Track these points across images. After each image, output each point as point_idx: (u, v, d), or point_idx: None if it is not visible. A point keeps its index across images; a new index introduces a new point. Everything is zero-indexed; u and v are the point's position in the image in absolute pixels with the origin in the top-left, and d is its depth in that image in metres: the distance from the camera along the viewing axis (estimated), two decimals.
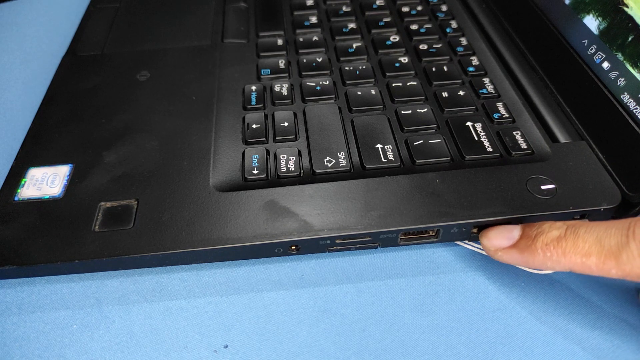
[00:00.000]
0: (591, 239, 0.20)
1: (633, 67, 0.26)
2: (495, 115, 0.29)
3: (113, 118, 0.29)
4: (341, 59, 0.34)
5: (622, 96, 0.26)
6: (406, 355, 0.22)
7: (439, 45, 0.34)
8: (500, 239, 0.23)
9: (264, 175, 0.26)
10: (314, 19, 0.38)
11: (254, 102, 0.30)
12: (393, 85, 0.31)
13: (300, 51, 0.35)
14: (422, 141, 0.27)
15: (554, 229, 0.21)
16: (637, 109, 0.26)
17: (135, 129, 0.29)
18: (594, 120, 0.27)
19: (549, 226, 0.22)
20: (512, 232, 0.23)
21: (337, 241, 0.24)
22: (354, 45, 0.35)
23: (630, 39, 0.26)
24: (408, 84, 0.31)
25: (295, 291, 0.24)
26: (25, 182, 0.26)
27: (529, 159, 0.26)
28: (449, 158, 0.27)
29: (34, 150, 0.28)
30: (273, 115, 0.29)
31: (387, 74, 0.32)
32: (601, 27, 0.28)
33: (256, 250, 0.24)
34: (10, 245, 0.23)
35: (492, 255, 0.23)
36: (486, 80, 0.31)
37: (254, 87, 0.31)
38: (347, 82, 0.32)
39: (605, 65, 0.28)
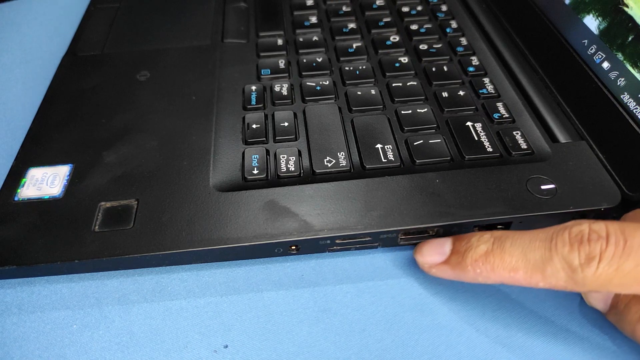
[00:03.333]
0: (516, 253, 0.20)
1: (633, 67, 0.26)
2: (495, 115, 0.29)
3: (113, 118, 0.29)
4: (341, 59, 0.34)
5: (622, 96, 0.26)
6: (406, 355, 0.22)
7: (439, 45, 0.34)
8: (432, 255, 0.23)
9: (264, 175, 0.26)
10: (314, 19, 0.38)
11: (254, 102, 0.30)
12: (393, 85, 0.31)
13: (300, 51, 0.35)
14: (422, 141, 0.27)
15: (482, 242, 0.21)
16: (637, 109, 0.26)
17: (135, 129, 0.29)
18: (594, 120, 0.27)
19: (477, 239, 0.21)
20: (444, 247, 0.23)
21: (337, 241, 0.24)
22: (354, 45, 0.35)
23: (630, 39, 0.26)
24: (408, 84, 0.31)
25: (295, 291, 0.24)
26: (25, 182, 0.26)
27: (529, 159, 0.26)
28: (449, 158, 0.27)
29: (34, 150, 0.28)
30: (273, 115, 0.29)
31: (387, 74, 0.32)
32: (601, 27, 0.28)
33: (256, 250, 0.24)
34: (10, 245, 0.23)
35: (427, 272, 0.23)
36: (486, 80, 0.31)
37: (254, 87, 0.31)
38: (347, 82, 0.32)
39: (605, 65, 0.28)
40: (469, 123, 0.28)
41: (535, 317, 0.23)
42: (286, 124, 0.29)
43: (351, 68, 0.33)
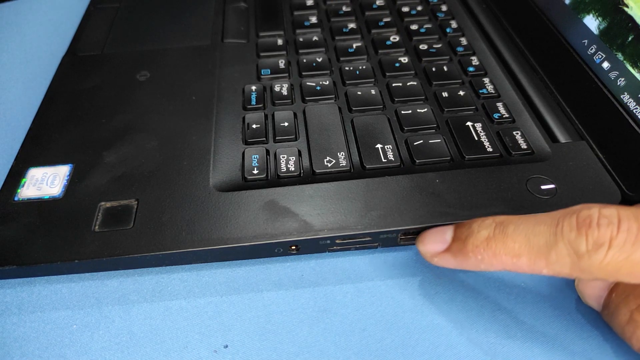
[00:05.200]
0: (520, 238, 0.19)
1: (633, 67, 0.26)
2: (495, 115, 0.29)
3: (113, 118, 0.30)
4: (341, 59, 0.34)
5: (622, 96, 0.26)
6: (406, 356, 0.22)
7: (439, 45, 0.34)
8: (434, 244, 0.22)
9: (264, 175, 0.26)
10: (314, 19, 0.38)
11: (254, 102, 0.30)
12: (393, 85, 0.31)
13: (300, 51, 0.35)
14: (422, 141, 0.27)
15: (483, 228, 0.20)
16: (637, 109, 0.26)
17: (135, 129, 0.29)
18: (594, 120, 0.27)
19: (478, 225, 0.21)
20: (445, 235, 0.22)
21: (337, 241, 0.24)
22: (354, 45, 0.35)
23: (630, 39, 0.26)
24: (408, 84, 0.31)
25: (295, 291, 0.24)
26: (25, 182, 0.26)
27: (529, 159, 0.26)
28: (449, 158, 0.27)
29: (34, 150, 0.28)
30: (273, 115, 0.29)
31: (387, 74, 0.32)
32: (601, 27, 0.28)
33: (256, 250, 0.24)
34: (10, 245, 0.23)
35: (430, 261, 0.22)
36: (486, 80, 0.31)
37: (254, 87, 0.31)
38: (347, 82, 0.32)
39: (605, 65, 0.28)
40: (469, 123, 0.28)
41: (534, 318, 0.23)
42: (286, 124, 0.29)
43: (351, 68, 0.33)
